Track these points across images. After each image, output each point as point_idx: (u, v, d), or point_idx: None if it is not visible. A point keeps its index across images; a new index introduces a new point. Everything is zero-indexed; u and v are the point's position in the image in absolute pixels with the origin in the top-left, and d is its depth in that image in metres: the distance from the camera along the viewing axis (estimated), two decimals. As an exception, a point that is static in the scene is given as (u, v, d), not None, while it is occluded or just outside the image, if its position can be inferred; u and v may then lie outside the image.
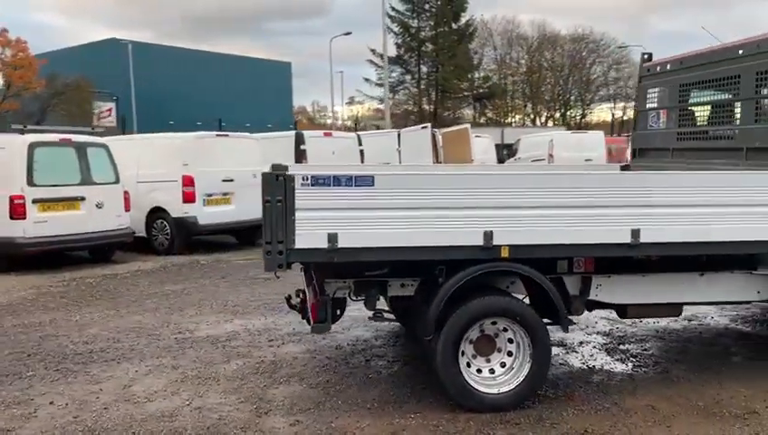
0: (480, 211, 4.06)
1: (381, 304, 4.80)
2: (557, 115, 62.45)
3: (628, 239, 4.21)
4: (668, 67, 6.07)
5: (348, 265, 4.26)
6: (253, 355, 5.52)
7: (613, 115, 65.08)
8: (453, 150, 15.22)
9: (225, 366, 5.25)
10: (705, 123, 5.67)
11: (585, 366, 5.17)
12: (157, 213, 11.21)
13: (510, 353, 4.40)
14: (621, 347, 5.63)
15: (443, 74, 49.35)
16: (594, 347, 5.65)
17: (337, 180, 3.95)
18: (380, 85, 50.58)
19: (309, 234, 3.94)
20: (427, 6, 49.79)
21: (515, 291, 4.63)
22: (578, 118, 63.49)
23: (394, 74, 49.54)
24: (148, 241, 11.29)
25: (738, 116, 5.22)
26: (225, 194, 11.38)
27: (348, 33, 41.54)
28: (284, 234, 3.92)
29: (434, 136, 14.59)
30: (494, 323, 4.36)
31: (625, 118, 64.53)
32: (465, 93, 51.75)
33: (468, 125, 16.73)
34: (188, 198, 10.93)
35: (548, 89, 62.77)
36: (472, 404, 4.25)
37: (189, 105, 46.00)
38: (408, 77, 51.26)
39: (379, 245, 4.00)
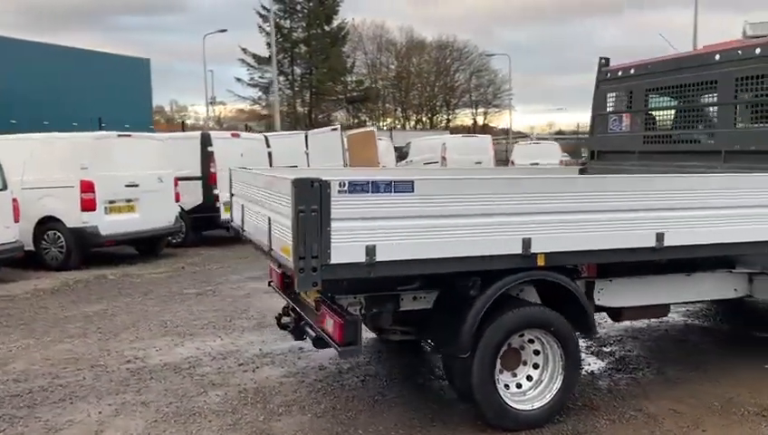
0: (519, 217, 3.82)
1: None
2: (425, 119, 64.27)
3: (653, 243, 4.17)
4: (632, 72, 6.20)
5: (361, 280, 3.86)
6: (230, 383, 4.90)
7: (475, 120, 68.32)
8: (359, 153, 14.98)
9: (205, 398, 4.60)
10: (677, 127, 5.83)
11: (585, 371, 5.10)
12: (48, 223, 9.88)
13: (536, 366, 4.21)
14: (605, 349, 5.65)
15: (317, 76, 48.89)
16: (580, 351, 5.61)
17: (375, 186, 3.52)
18: (253, 86, 49.31)
19: (346, 247, 3.48)
20: (299, 7, 49.11)
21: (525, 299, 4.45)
22: (444, 123, 65.85)
23: (267, 75, 48.46)
24: (36, 255, 9.94)
25: (716, 120, 5.40)
26: (128, 200, 10.28)
27: (223, 31, 39.87)
28: (319, 248, 3.42)
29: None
30: (521, 335, 4.14)
31: (485, 122, 68.05)
32: (340, 96, 51.58)
33: (374, 128, 16.56)
34: (88, 206, 9.74)
35: (416, 94, 64.45)
36: (508, 423, 4.01)
37: (35, 103, 41.78)
38: (281, 78, 50.18)
39: (419, 256, 3.63)
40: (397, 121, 60.34)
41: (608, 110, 6.54)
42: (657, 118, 6.09)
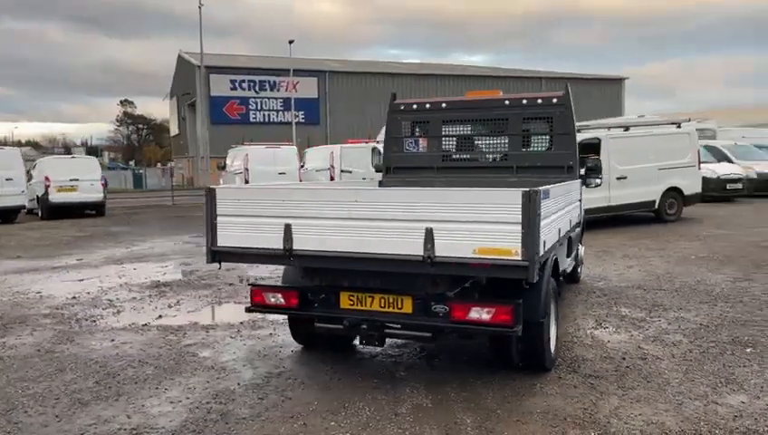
0: (560, 212, 5.45)
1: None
2: None
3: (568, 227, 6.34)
4: (427, 106, 8.02)
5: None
6: (304, 399, 4.61)
7: None
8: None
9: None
10: (476, 149, 7.96)
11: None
12: None
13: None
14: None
15: None
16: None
17: (545, 194, 4.57)
18: None
19: (541, 241, 4.44)
20: None
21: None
22: None
23: None
24: None
25: (508, 145, 7.77)
26: None
27: None
28: (540, 244, 4.31)
29: None
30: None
31: None
32: None
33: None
34: None
35: None
36: (551, 365, 5.47)
37: None
38: None
39: (549, 245, 4.87)
40: None
41: (402, 134, 8.17)
42: (456, 141, 8.08)
